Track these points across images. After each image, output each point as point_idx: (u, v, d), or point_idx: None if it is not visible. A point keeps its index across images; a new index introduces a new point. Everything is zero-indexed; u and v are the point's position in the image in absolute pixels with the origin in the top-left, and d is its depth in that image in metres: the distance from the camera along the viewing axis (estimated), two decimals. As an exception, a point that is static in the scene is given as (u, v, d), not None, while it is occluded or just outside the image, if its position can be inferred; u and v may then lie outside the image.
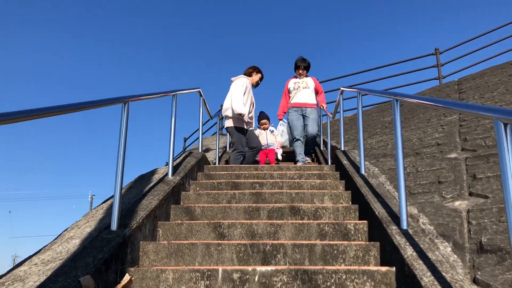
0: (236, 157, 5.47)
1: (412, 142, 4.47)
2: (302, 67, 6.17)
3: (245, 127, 5.62)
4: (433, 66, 9.75)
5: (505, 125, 1.54)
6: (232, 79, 5.70)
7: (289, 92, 6.35)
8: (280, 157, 6.37)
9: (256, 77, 5.88)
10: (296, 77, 6.33)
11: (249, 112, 5.58)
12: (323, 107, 6.33)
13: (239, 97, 5.38)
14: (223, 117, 5.83)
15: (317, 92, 6.39)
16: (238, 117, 5.44)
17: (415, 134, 4.78)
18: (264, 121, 6.65)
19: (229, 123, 5.60)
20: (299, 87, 6.18)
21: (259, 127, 6.57)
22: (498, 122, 1.56)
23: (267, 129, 6.61)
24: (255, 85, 5.93)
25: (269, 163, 6.22)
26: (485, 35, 9.47)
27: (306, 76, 6.31)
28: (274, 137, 6.49)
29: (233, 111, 5.39)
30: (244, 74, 5.79)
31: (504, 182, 1.52)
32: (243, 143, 5.55)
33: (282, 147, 6.94)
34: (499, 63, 8.11)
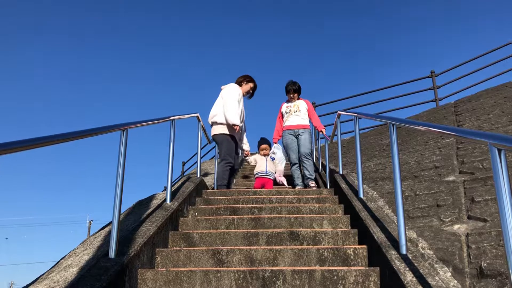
0: (224, 169, 5.11)
1: (410, 165, 4.48)
2: (292, 90, 6.13)
3: (236, 136, 5.28)
4: (429, 89, 9.86)
5: (499, 150, 1.56)
6: (222, 87, 5.44)
7: (282, 116, 6.30)
8: (285, 183, 6.00)
9: (247, 86, 5.56)
10: (289, 100, 6.30)
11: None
12: (322, 132, 6.23)
13: (233, 106, 5.08)
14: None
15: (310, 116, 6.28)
16: (228, 125, 5.13)
17: (413, 157, 4.79)
18: (264, 146, 6.15)
19: (217, 130, 5.22)
20: (290, 110, 6.14)
21: (258, 153, 6.17)
22: (492, 147, 1.58)
23: (267, 155, 6.11)
24: (246, 95, 5.60)
25: None
26: (480, 57, 9.61)
27: (299, 98, 6.27)
28: (274, 165, 6.02)
29: (226, 119, 5.09)
30: (235, 83, 5.51)
31: (500, 207, 1.53)
32: (231, 153, 5.17)
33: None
34: (494, 85, 8.21)
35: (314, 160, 7.53)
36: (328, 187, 5.45)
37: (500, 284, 2.05)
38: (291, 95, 6.16)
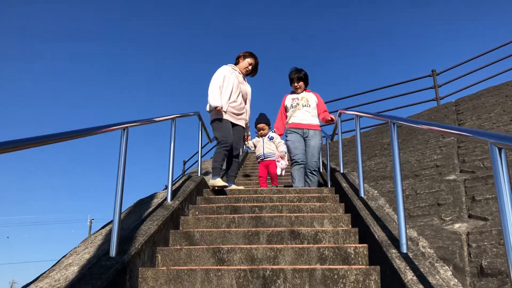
0: (218, 151, 4.68)
1: (410, 164, 4.48)
2: (297, 78, 5.26)
3: (231, 120, 4.82)
4: (430, 88, 9.85)
5: (500, 149, 1.56)
6: None
7: (286, 110, 5.41)
8: (282, 172, 5.07)
9: (244, 63, 5.02)
10: (294, 92, 5.40)
11: (233, 101, 4.81)
12: (332, 119, 5.27)
13: (212, 88, 4.71)
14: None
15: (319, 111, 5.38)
16: (215, 111, 4.73)
17: (414, 156, 4.79)
18: (261, 125, 5.32)
19: (211, 116, 4.85)
20: (298, 104, 5.24)
21: (257, 135, 5.44)
22: (493, 146, 1.57)
23: (265, 135, 5.31)
24: (246, 73, 5.06)
25: (270, 179, 5.29)
26: (481, 56, 9.60)
27: (306, 90, 5.39)
28: (274, 145, 5.23)
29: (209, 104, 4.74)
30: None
31: (500, 206, 1.53)
32: (225, 133, 4.68)
33: None
34: (495, 84, 8.20)
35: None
36: (329, 186, 5.44)
37: (501, 282, 2.05)
38: (296, 85, 5.30)
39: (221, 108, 4.63)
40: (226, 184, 4.69)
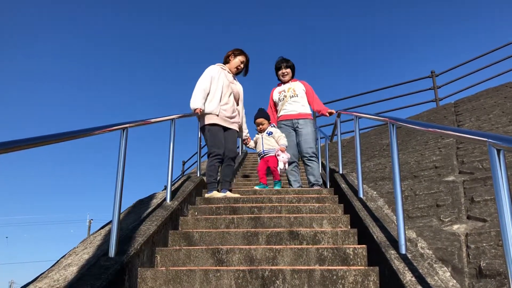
0: (210, 163, 4.47)
1: (409, 165, 4.48)
2: (284, 66, 5.08)
3: (223, 124, 4.55)
4: (429, 89, 9.86)
5: (498, 150, 1.56)
6: None
7: (275, 104, 5.26)
8: (284, 166, 4.86)
9: (235, 61, 4.71)
10: (280, 84, 5.23)
11: (224, 104, 4.53)
12: (329, 114, 5.11)
13: (195, 90, 4.47)
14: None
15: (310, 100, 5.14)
16: (203, 116, 4.51)
17: (413, 157, 4.80)
18: (259, 120, 5.04)
19: (201, 122, 4.61)
20: (285, 96, 5.05)
21: (256, 131, 5.21)
22: (491, 148, 1.58)
23: (264, 130, 5.05)
24: (236, 71, 4.76)
25: (271, 173, 5.06)
26: (481, 57, 9.62)
27: (293, 80, 5.19)
28: (273, 140, 5.01)
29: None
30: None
31: (499, 207, 1.53)
32: (218, 143, 4.46)
33: None
34: (494, 85, 8.22)
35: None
36: (328, 187, 5.44)
37: (499, 284, 2.06)
38: (284, 72, 5.10)
39: (200, 110, 4.39)
40: (225, 194, 4.50)
